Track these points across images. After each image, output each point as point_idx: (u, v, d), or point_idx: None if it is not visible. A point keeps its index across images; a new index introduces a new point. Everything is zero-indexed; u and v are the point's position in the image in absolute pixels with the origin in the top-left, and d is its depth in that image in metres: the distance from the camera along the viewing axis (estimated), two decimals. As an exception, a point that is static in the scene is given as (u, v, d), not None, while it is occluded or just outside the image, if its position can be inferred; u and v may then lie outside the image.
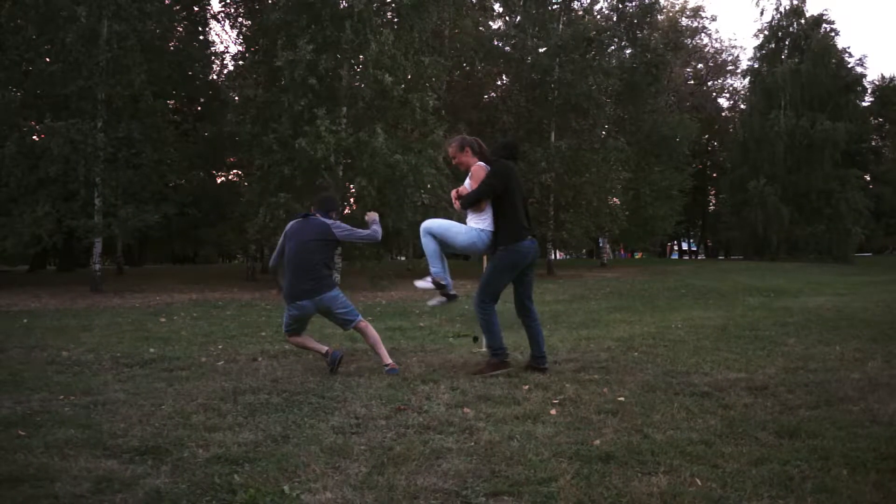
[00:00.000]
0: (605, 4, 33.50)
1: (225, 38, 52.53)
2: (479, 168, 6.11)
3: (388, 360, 6.22)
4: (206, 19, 25.61)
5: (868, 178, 45.27)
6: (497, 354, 6.05)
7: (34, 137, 18.16)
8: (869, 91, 47.81)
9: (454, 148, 6.28)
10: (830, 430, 4.08)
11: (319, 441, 3.97)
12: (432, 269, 6.14)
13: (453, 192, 6.27)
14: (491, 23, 31.27)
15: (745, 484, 3.22)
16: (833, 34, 42.15)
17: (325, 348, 6.36)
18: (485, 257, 6.42)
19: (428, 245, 6.14)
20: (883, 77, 53.98)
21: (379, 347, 6.32)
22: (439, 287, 6.14)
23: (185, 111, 26.64)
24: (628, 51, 33.57)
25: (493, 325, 6.05)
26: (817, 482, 3.24)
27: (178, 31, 24.41)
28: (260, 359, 6.97)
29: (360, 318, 6.40)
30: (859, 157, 42.79)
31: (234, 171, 27.45)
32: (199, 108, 26.80)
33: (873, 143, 48.46)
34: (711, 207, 55.62)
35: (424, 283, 6.22)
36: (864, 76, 44.14)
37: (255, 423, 4.40)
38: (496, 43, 29.90)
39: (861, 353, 6.76)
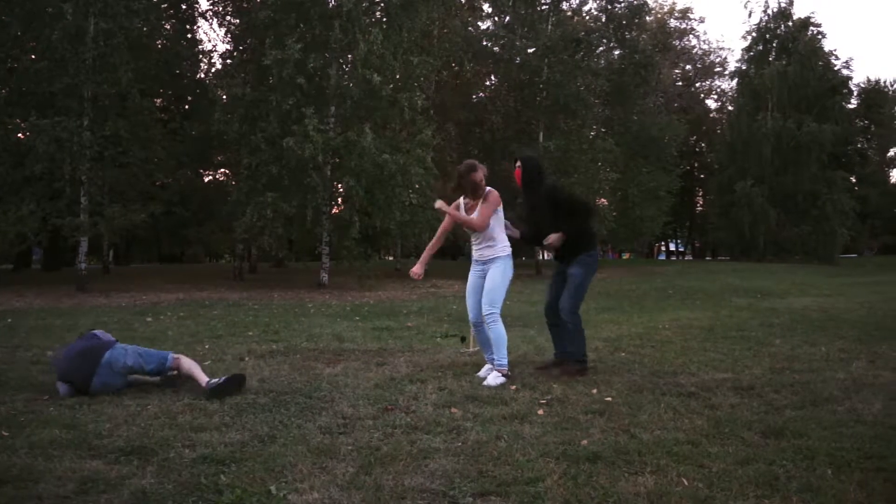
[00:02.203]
0: (594, 5, 33.61)
1: (213, 37, 52.51)
2: (494, 194, 5.97)
3: (205, 379, 5.39)
4: (194, 17, 25.55)
5: (854, 180, 45.58)
6: (583, 360, 6.05)
7: (19, 135, 18.04)
8: (855, 93, 48.16)
9: (481, 172, 6.01)
10: (815, 430, 4.11)
11: (306, 441, 3.95)
12: (503, 361, 5.82)
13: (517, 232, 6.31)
14: (480, 23, 31.32)
15: (732, 484, 3.24)
16: (820, 37, 42.39)
17: (205, 379, 5.32)
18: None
19: (503, 329, 5.90)
20: (868, 80, 54.37)
21: (196, 371, 5.45)
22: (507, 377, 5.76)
23: (172, 109, 26.52)
24: (617, 52, 33.68)
25: (583, 331, 6.08)
26: (802, 482, 3.26)
27: (166, 28, 24.30)
28: (247, 358, 6.94)
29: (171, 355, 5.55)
30: (845, 159, 43.09)
31: (222, 170, 27.39)
32: (187, 107, 26.69)
33: (859, 146, 48.81)
34: (699, 208, 55.84)
35: (497, 380, 5.64)
36: (851, 79, 44.54)
37: (242, 423, 4.37)
38: (485, 43, 29.96)
39: (846, 354, 6.80)
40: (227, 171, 26.11)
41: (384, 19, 21.57)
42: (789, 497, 3.09)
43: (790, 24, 41.88)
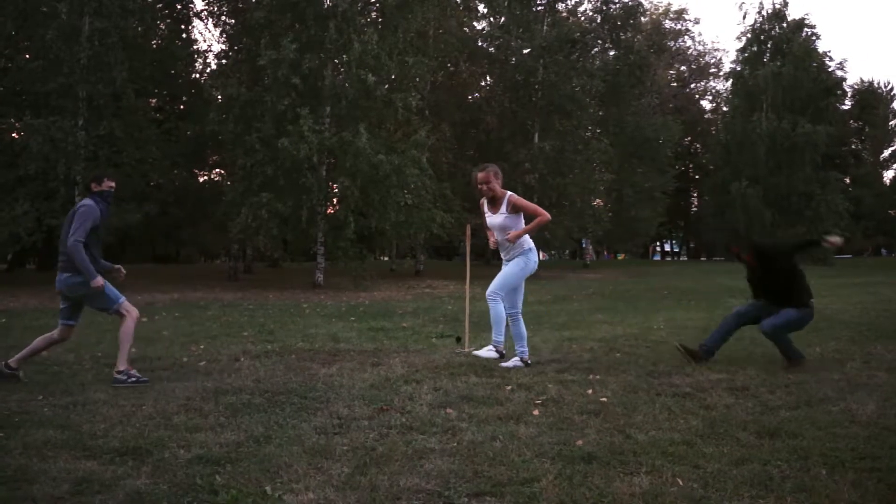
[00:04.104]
0: (590, 6, 33.70)
1: (208, 37, 52.42)
2: (514, 197, 6.53)
3: (123, 366, 5.74)
4: (189, 17, 25.51)
5: (848, 181, 45.72)
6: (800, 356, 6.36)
7: (13, 135, 17.99)
8: (849, 95, 48.28)
9: (489, 174, 6.47)
10: (810, 431, 4.11)
11: (302, 441, 3.94)
12: (499, 339, 6.52)
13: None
14: (475, 23, 31.35)
15: (726, 484, 3.24)
16: (814, 38, 42.48)
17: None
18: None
19: (500, 311, 6.44)
20: (862, 81, 54.58)
21: (123, 346, 5.81)
22: (501, 354, 6.49)
23: (167, 110, 26.47)
24: (612, 52, 33.81)
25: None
26: (797, 482, 3.26)
27: (161, 28, 24.27)
28: (242, 359, 6.93)
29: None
30: (839, 159, 43.25)
31: (217, 170, 27.33)
32: (182, 107, 26.65)
33: (853, 147, 48.99)
34: (694, 209, 55.93)
35: (488, 353, 6.53)
36: (845, 80, 44.63)
37: (237, 423, 4.37)
38: (480, 43, 29.99)
39: (840, 354, 6.82)
40: (222, 172, 26.06)
41: (379, 19, 21.59)
42: (783, 497, 3.09)
43: (784, 25, 41.98)
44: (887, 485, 3.25)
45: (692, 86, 55.14)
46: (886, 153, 61.45)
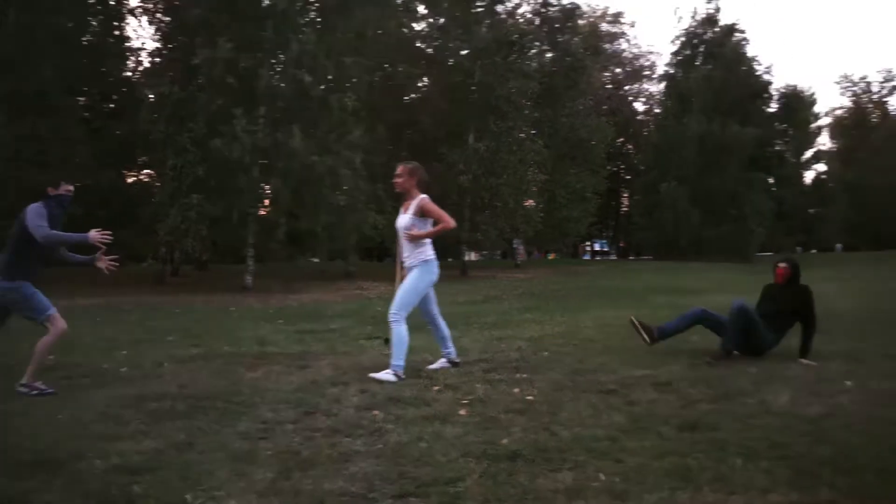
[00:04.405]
0: (528, 8, 33.98)
1: (142, 34, 51.04)
2: (426, 200, 6.17)
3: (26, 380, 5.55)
4: (123, 14, 24.80)
5: (771, 181, 47.15)
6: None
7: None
8: (775, 98, 49.83)
9: (405, 169, 6.27)
10: (727, 423, 4.25)
11: (225, 447, 3.89)
12: (399, 363, 5.92)
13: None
14: (414, 24, 31.28)
15: (647, 477, 3.32)
16: (743, 43, 43.86)
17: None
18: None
19: (403, 333, 5.99)
20: (788, 85, 56.48)
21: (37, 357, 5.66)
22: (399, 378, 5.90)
23: (96, 108, 25.74)
24: (549, 54, 34.13)
25: None
26: (714, 472, 3.36)
27: (93, 25, 23.57)
28: (166, 364, 6.78)
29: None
30: (764, 160, 44.57)
31: (146, 170, 26.70)
32: (112, 106, 25.94)
33: (777, 148, 50.55)
34: (624, 209, 56.93)
35: (387, 377, 5.82)
36: (771, 83, 46.12)
37: (159, 430, 4.27)
38: (419, 44, 29.95)
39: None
40: (152, 172, 25.47)
41: (318, 19, 21.41)
42: (701, 487, 3.18)
43: (716, 30, 43.20)
44: (797, 471, 3.39)
45: (626, 88, 56.13)
46: (808, 154, 63.73)
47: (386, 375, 5.77)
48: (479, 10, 29.02)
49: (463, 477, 3.34)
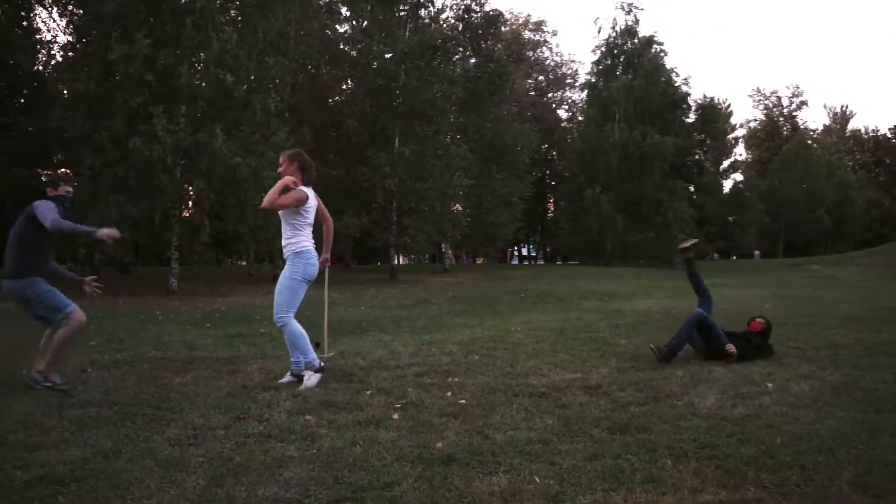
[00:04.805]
0: (451, 14, 34.13)
1: (53, 27, 49.26)
2: (290, 183, 5.76)
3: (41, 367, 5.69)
4: (31, 4, 23.85)
5: (692, 189, 48.48)
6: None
7: None
8: (693, 108, 51.29)
9: (284, 156, 6.03)
10: (657, 424, 4.37)
11: (154, 454, 3.79)
12: (309, 358, 5.74)
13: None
14: (338, 26, 31.09)
15: (581, 479, 3.38)
16: (662, 54, 44.96)
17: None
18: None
19: (295, 330, 5.78)
20: (705, 96, 58.35)
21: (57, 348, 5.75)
22: (320, 371, 5.74)
23: (5, 103, 24.71)
24: (473, 60, 34.36)
25: None
26: (645, 473, 3.46)
27: (-2, 15, 22.61)
28: (89, 370, 6.57)
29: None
30: (685, 169, 45.80)
31: (63, 169, 25.78)
32: (23, 101, 24.95)
33: (696, 157, 52.06)
34: (550, 214, 57.75)
35: (313, 379, 5.63)
36: (689, 94, 47.38)
37: (84, 438, 4.13)
38: (342, 47, 29.78)
39: (685, 353, 7.19)
40: (69, 171, 24.62)
41: (239, 18, 21.05)
42: (633, 489, 3.26)
43: (636, 41, 44.18)
44: (724, 470, 3.51)
45: (549, 95, 56.99)
46: (726, 164, 65.90)
47: (310, 381, 5.58)
48: (402, 13, 29.05)
49: (399, 481, 3.35)
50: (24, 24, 23.65)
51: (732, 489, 3.27)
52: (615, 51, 44.43)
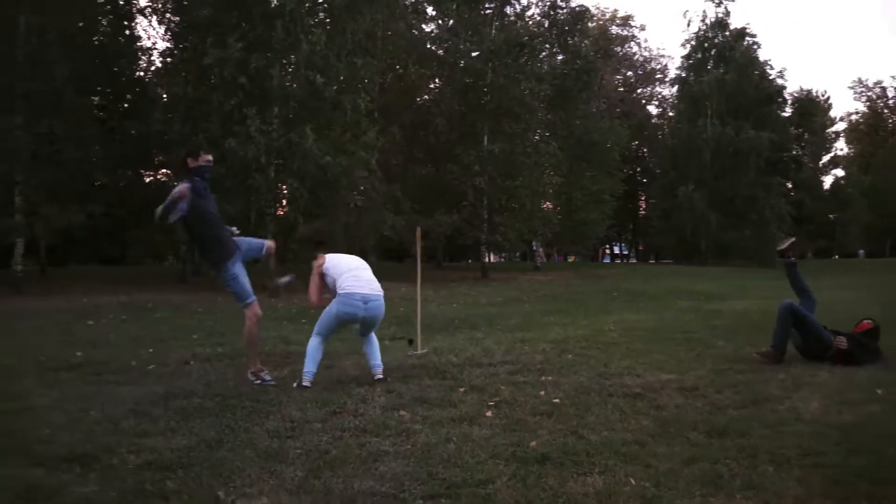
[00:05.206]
0: (537, 11, 33.91)
1: (152, 34, 51.24)
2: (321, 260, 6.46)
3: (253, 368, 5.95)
4: (132, 14, 24.93)
5: (790, 186, 46.85)
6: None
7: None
8: (789, 102, 49.52)
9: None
10: (757, 429, 4.22)
11: (254, 445, 3.90)
12: (306, 369, 5.83)
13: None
14: (424, 26, 31.29)
15: (678, 483, 3.30)
16: (755, 47, 43.52)
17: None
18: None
19: (312, 346, 5.99)
20: (801, 89, 56.05)
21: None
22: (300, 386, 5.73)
23: (110, 108, 25.87)
24: (560, 57, 34.07)
25: None
26: (745, 479, 3.34)
27: (103, 25, 23.68)
28: (192, 362, 6.82)
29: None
30: (781, 165, 44.26)
31: (163, 170, 26.83)
32: (126, 106, 26.07)
33: (794, 153, 50.25)
34: (642, 212, 56.72)
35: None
36: (785, 88, 45.72)
37: (189, 427, 4.30)
38: (429, 46, 29.95)
39: (786, 355, 6.97)
40: (169, 172, 25.59)
41: (327, 20, 21.41)
42: (733, 494, 3.16)
43: (727, 33, 42.89)
44: (832, 480, 3.34)
45: (639, 91, 55.95)
46: (825, 159, 63.31)
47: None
48: (488, 11, 29.00)
49: (493, 479, 3.34)
50: (127, 32, 24.73)
51: (842, 500, 3.11)
52: (706, 44, 43.21)
